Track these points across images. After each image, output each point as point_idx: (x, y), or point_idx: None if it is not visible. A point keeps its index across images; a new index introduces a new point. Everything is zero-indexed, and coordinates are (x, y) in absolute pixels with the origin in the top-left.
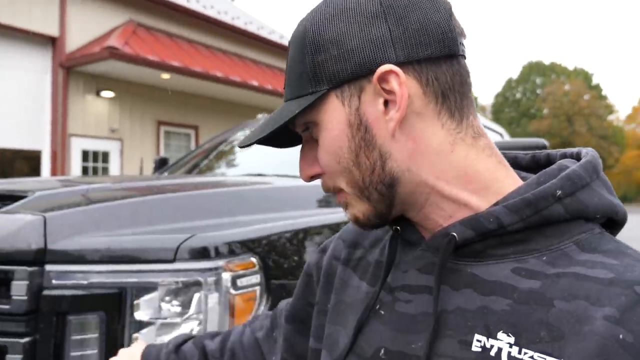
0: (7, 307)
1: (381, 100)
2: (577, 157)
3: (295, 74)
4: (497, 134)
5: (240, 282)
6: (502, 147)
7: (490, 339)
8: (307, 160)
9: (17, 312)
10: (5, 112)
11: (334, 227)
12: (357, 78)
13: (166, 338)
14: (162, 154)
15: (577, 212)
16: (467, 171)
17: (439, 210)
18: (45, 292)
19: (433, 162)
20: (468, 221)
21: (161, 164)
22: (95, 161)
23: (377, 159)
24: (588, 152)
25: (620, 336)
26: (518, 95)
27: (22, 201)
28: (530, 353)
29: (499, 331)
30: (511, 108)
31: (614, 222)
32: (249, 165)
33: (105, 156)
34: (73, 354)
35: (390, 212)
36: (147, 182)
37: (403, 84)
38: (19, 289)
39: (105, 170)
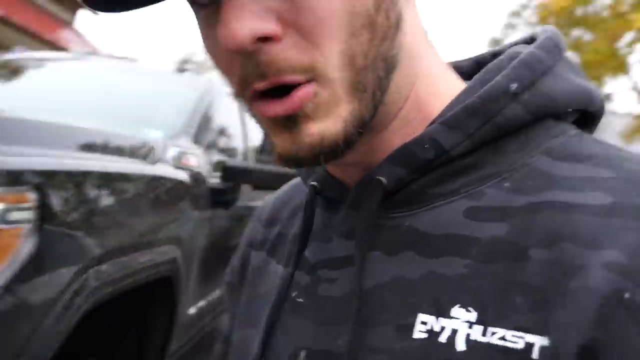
0: None
1: None
2: (531, 41)
3: None
4: None
5: (10, 215)
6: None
7: (440, 319)
8: (250, 9)
9: None
10: None
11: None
12: None
13: None
14: None
15: (542, 108)
16: (439, 75)
17: (406, 126)
18: None
19: (423, 54)
20: (396, 155)
21: None
22: None
23: (394, 23)
24: (546, 29)
25: (626, 295)
26: None
27: None
28: (501, 332)
29: (453, 306)
30: None
31: (585, 118)
32: None
33: None
34: None
35: (369, 123)
36: None
37: None
38: None
39: None
